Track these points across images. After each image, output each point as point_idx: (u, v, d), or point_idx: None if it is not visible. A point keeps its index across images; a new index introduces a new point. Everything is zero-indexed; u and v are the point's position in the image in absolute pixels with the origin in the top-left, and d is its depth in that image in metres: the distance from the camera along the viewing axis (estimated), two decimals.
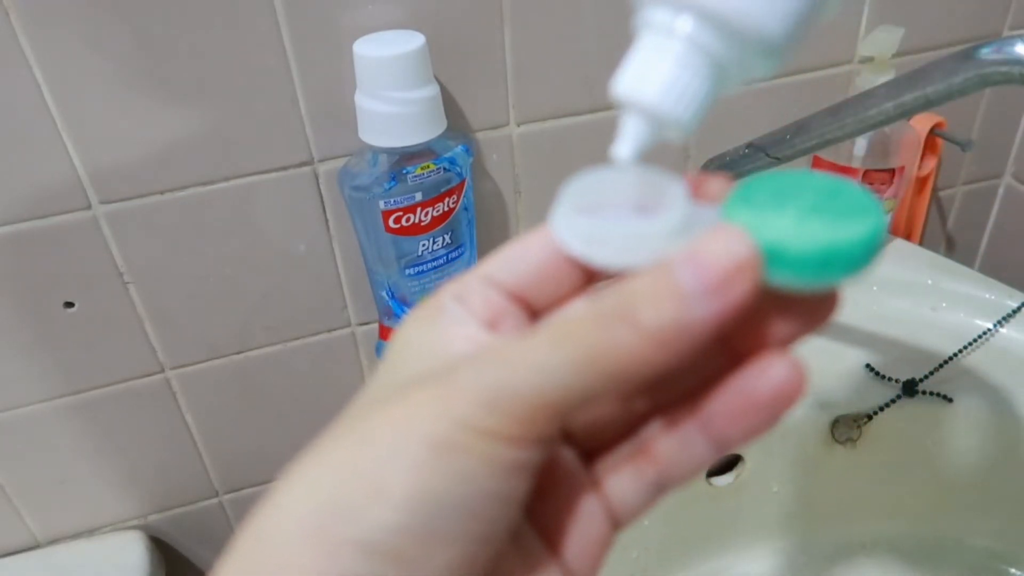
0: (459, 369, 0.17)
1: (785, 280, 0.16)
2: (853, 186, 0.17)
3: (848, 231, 0.16)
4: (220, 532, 0.63)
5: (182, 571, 0.63)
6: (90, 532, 0.58)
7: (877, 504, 0.58)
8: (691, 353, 0.16)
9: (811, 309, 0.17)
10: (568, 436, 0.20)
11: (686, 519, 0.57)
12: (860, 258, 0.16)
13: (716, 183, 0.18)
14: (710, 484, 0.56)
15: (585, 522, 0.19)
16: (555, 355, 0.16)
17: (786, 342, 0.17)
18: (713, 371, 0.18)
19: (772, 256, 0.16)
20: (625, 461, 0.19)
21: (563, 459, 0.20)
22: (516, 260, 0.19)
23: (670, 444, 0.18)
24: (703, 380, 0.18)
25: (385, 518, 0.16)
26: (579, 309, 0.17)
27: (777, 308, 0.17)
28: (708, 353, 0.18)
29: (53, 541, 0.58)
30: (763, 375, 0.17)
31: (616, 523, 0.20)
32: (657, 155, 0.56)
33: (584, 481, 0.19)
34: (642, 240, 0.17)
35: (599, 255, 0.17)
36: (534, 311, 0.20)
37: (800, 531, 0.59)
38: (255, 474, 0.61)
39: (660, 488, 0.19)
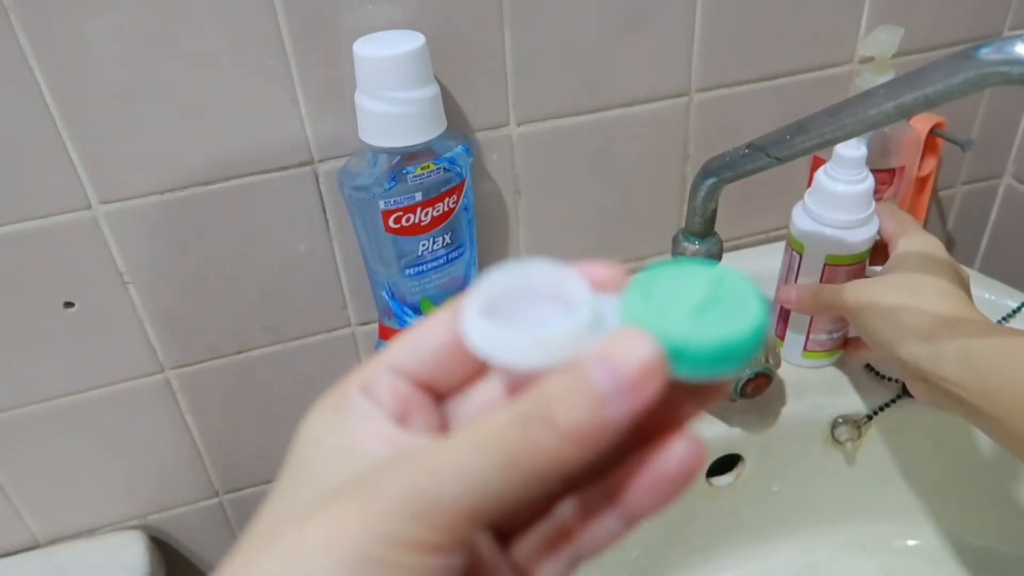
0: (378, 479, 0.17)
1: (686, 374, 0.17)
2: (734, 275, 0.19)
3: (737, 328, 0.17)
4: (220, 532, 0.63)
5: (182, 571, 0.63)
6: (90, 532, 0.58)
7: (877, 504, 0.58)
8: (606, 447, 0.17)
9: (705, 392, 0.19)
10: None
11: (686, 519, 0.57)
12: (750, 351, 0.18)
13: (609, 272, 0.19)
14: (710, 484, 0.56)
15: None
16: (477, 460, 0.16)
17: (685, 419, 0.19)
18: (619, 446, 0.18)
19: (674, 355, 0.17)
20: (542, 543, 0.20)
21: (478, 544, 0.20)
22: (419, 347, 0.20)
23: (585, 524, 0.19)
24: (610, 454, 0.19)
25: None
26: (496, 414, 0.17)
27: (676, 391, 0.18)
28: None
29: (53, 541, 0.58)
30: (670, 455, 0.18)
31: None
32: (656, 156, 0.56)
33: (501, 565, 0.20)
34: (551, 342, 0.17)
35: (510, 359, 0.18)
36: (439, 395, 0.20)
37: (800, 531, 0.59)
38: (255, 474, 0.61)
39: (576, 562, 0.20)
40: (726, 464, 0.56)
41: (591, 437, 0.16)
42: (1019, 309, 0.57)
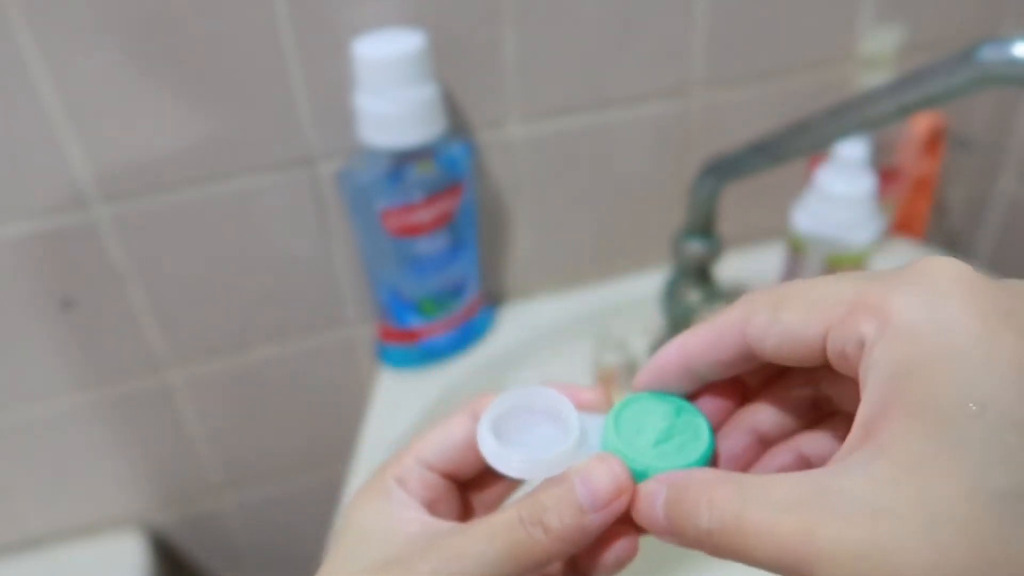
0: (413, 559, 0.22)
1: None
2: (690, 409, 0.24)
3: (688, 459, 0.23)
4: (220, 532, 0.63)
5: (182, 571, 0.63)
6: (90, 532, 0.58)
7: None
8: (587, 542, 0.22)
9: None
10: None
11: None
12: None
13: (593, 396, 0.25)
14: None
15: None
16: (488, 549, 0.22)
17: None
18: None
19: (639, 477, 0.22)
20: None
21: None
22: (443, 444, 0.25)
23: None
24: None
25: None
26: (504, 512, 0.22)
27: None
28: None
29: (53, 541, 0.58)
30: (612, 552, 0.24)
31: None
32: (656, 156, 0.56)
33: None
34: (546, 462, 0.23)
35: (515, 473, 0.23)
36: (461, 483, 0.26)
37: None
38: (255, 474, 0.61)
39: None
40: None
41: (574, 538, 0.22)
42: None
